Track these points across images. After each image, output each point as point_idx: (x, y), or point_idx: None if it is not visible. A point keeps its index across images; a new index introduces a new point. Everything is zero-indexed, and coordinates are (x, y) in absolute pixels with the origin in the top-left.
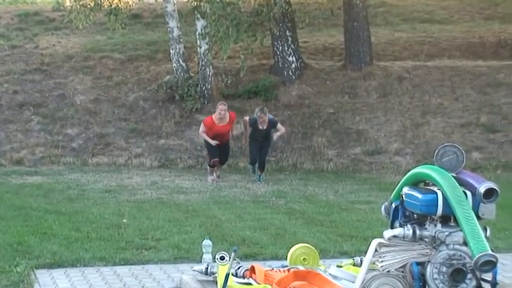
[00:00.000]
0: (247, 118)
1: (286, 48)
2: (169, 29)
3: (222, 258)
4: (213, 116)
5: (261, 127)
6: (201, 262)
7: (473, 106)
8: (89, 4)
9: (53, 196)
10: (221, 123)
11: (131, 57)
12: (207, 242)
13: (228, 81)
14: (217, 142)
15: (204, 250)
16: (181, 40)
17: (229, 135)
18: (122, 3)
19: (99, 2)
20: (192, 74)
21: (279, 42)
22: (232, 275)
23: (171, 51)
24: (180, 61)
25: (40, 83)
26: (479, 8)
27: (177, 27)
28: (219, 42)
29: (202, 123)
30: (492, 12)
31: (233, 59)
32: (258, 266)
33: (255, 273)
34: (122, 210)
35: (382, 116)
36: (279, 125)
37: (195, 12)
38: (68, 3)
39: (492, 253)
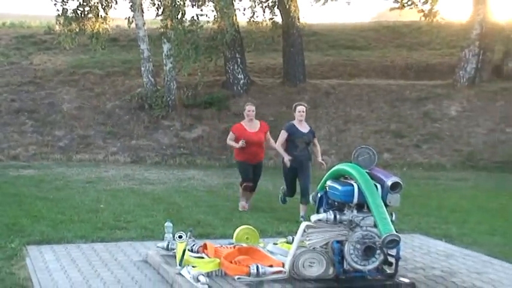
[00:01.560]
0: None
1: (236, 67)
2: (140, 50)
3: (180, 237)
4: (242, 122)
5: (301, 129)
6: (163, 240)
7: (385, 116)
8: (75, 29)
9: (43, 186)
10: (251, 128)
11: (109, 73)
12: (168, 224)
13: (189, 94)
14: (244, 145)
15: (166, 230)
16: (150, 60)
17: (263, 153)
18: (102, 29)
19: (83, 27)
20: (159, 87)
21: (230, 62)
22: (189, 250)
23: (142, 68)
24: (150, 77)
25: (33, 93)
26: (391, 37)
27: (147, 49)
28: (181, 62)
29: (230, 131)
30: (401, 42)
31: (193, 76)
32: (210, 243)
33: (207, 249)
34: (100, 197)
35: (313, 123)
36: (315, 139)
37: (162, 37)
38: (57, 28)
39: (396, 233)
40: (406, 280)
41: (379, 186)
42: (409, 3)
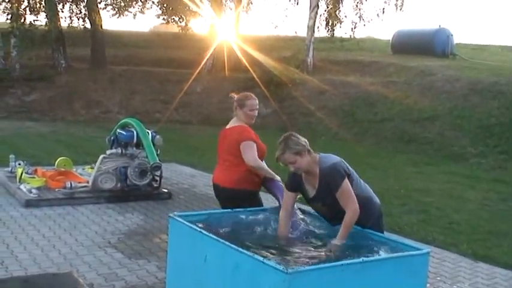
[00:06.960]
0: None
1: (59, 56)
2: None
3: (19, 164)
4: (244, 124)
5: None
6: (8, 166)
7: (157, 91)
8: None
9: None
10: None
11: None
12: (12, 156)
13: (27, 71)
14: None
15: (10, 160)
16: (2, 49)
17: None
18: None
19: None
20: (7, 67)
21: (55, 52)
22: (25, 173)
23: None
24: (2, 60)
25: None
26: (161, 41)
27: (1, 41)
28: (22, 51)
29: (248, 140)
30: (167, 44)
31: (31, 60)
32: (39, 168)
33: (37, 172)
34: None
35: (111, 94)
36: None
37: (11, 34)
38: None
39: (159, 162)
40: (166, 190)
41: (150, 132)
42: (172, 20)
